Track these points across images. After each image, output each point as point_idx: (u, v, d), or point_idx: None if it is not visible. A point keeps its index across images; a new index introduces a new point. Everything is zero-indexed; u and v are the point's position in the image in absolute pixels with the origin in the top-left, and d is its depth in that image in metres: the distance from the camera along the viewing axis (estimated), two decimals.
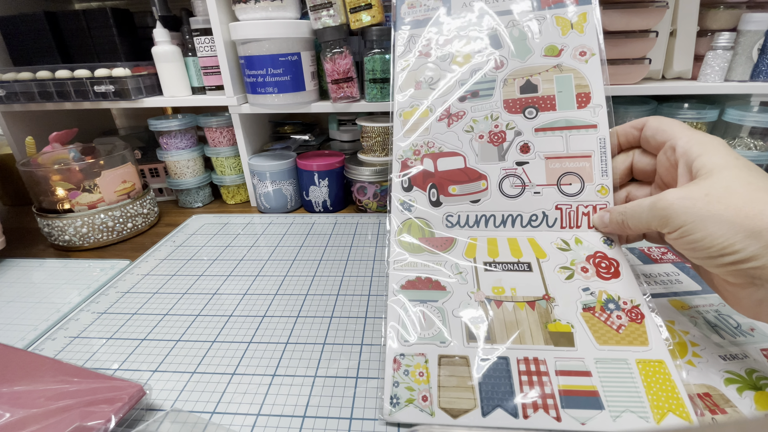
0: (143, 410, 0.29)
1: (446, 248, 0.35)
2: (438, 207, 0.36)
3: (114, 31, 0.62)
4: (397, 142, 0.38)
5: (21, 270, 0.49)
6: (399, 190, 0.37)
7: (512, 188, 0.35)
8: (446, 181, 0.36)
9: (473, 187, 0.36)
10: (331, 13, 0.52)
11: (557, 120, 0.35)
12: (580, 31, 0.36)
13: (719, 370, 0.29)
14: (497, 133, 0.36)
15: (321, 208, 0.63)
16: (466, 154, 0.36)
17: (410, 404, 0.27)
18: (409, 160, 0.37)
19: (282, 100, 0.56)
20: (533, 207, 0.35)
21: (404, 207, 0.37)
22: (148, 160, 0.70)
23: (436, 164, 0.37)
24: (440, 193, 0.36)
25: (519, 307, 0.31)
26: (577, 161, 0.34)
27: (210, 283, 0.45)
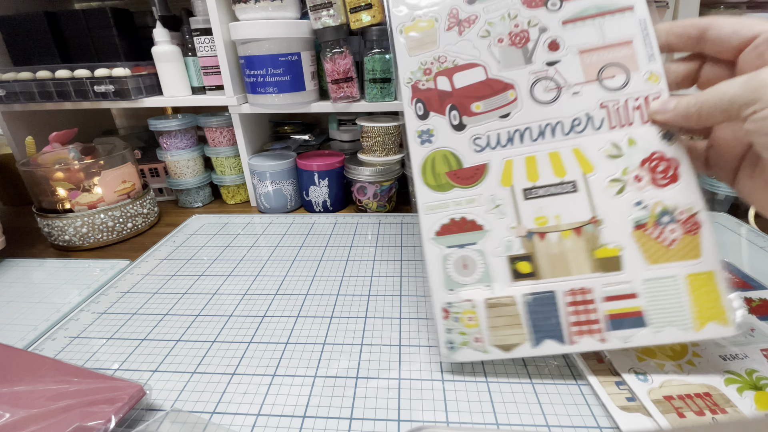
0: (143, 410, 0.29)
1: (479, 178, 0.31)
2: (462, 130, 0.31)
3: (114, 31, 0.62)
4: (402, 64, 0.32)
5: (21, 270, 0.49)
6: (414, 119, 0.32)
7: (546, 93, 0.30)
8: (467, 98, 0.31)
9: (500, 99, 0.31)
10: (331, 13, 0.52)
11: (586, 8, 0.30)
12: None
13: (719, 370, 0.29)
14: (518, 34, 0.31)
15: (321, 208, 0.63)
16: (486, 63, 0.31)
17: (464, 346, 0.30)
18: (420, 82, 0.32)
19: (282, 100, 0.56)
20: (574, 110, 0.30)
21: (423, 139, 0.32)
22: (148, 160, 0.70)
23: (453, 81, 0.31)
24: (462, 114, 0.31)
25: (564, 236, 0.29)
26: (617, 50, 0.29)
27: (210, 283, 0.45)
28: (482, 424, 0.27)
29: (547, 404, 0.28)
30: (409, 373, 0.31)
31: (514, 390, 0.29)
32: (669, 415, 0.25)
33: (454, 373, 0.31)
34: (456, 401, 0.28)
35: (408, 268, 0.46)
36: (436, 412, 0.28)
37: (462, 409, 0.28)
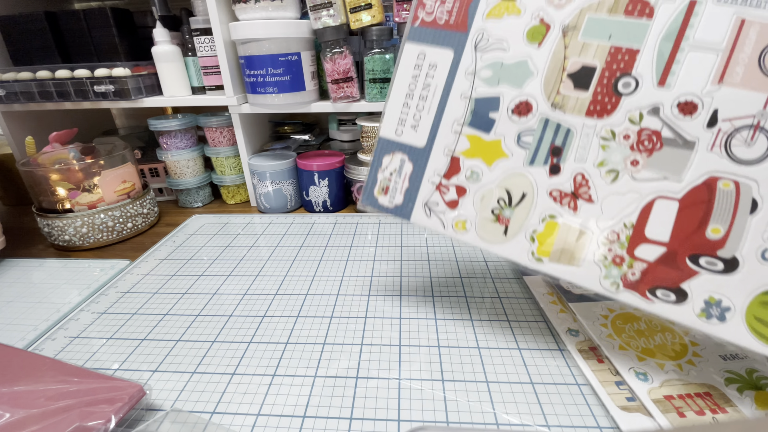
0: (143, 410, 0.29)
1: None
2: (737, 267, 0.23)
3: (114, 31, 0.62)
4: (584, 280, 0.26)
5: (21, 270, 0.49)
6: (678, 311, 0.25)
7: (748, 147, 0.23)
8: (693, 240, 0.24)
9: (724, 203, 0.23)
10: (331, 12, 0.52)
11: None
12: None
13: (719, 370, 0.29)
14: (642, 141, 0.25)
15: (321, 208, 0.63)
16: (653, 190, 0.25)
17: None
18: (626, 274, 0.25)
19: (282, 100, 0.56)
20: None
21: (715, 315, 0.24)
22: (148, 160, 0.70)
23: (651, 238, 0.25)
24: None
25: None
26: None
27: (210, 283, 0.45)
28: (482, 424, 0.27)
29: (547, 404, 0.28)
30: (409, 373, 0.31)
31: (514, 390, 0.29)
32: (669, 414, 0.25)
33: (454, 372, 0.31)
34: (456, 401, 0.28)
35: (408, 268, 0.46)
36: (436, 412, 0.28)
37: (462, 409, 0.28)
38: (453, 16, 0.28)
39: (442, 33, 0.28)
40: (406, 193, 0.31)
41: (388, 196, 0.31)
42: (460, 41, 0.28)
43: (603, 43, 0.25)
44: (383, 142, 0.31)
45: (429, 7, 0.28)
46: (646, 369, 0.29)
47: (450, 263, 0.46)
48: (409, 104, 0.30)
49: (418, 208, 0.31)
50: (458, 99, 0.28)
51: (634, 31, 0.24)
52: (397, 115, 0.30)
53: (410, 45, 0.29)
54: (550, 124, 0.26)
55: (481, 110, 0.28)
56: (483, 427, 0.27)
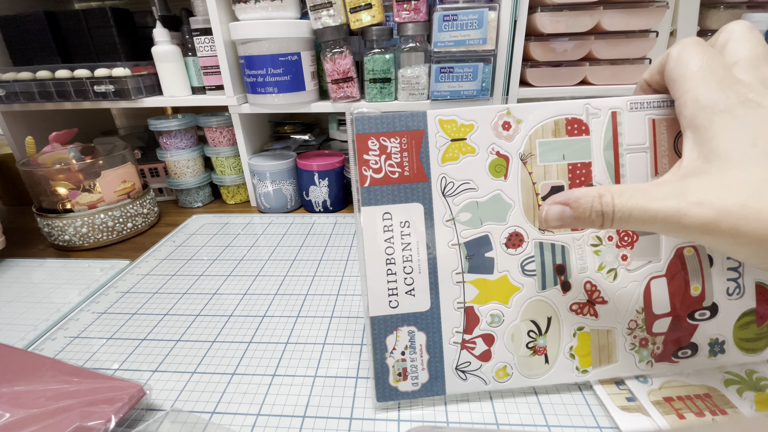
0: (143, 410, 0.29)
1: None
2: (717, 312, 0.28)
3: (114, 31, 0.62)
4: (623, 371, 0.29)
5: (21, 270, 0.49)
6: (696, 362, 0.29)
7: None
8: (689, 300, 0.28)
9: (693, 267, 0.28)
10: (331, 12, 0.52)
11: None
12: None
13: (719, 371, 0.29)
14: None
15: (321, 208, 0.63)
16: (642, 271, 0.28)
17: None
18: (654, 348, 0.29)
19: (282, 100, 0.56)
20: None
21: (715, 351, 0.29)
22: (148, 160, 0.70)
23: (656, 313, 0.28)
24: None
25: None
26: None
27: (210, 283, 0.45)
28: (482, 424, 0.27)
29: (547, 404, 0.28)
30: None
31: (514, 390, 0.29)
32: (669, 416, 0.25)
33: None
34: (456, 401, 0.28)
35: None
36: (436, 412, 0.28)
37: (462, 409, 0.28)
38: (406, 169, 0.26)
39: (401, 188, 0.27)
40: (430, 366, 0.28)
41: (410, 380, 0.28)
42: (425, 192, 0.27)
43: (560, 162, 0.27)
44: (378, 322, 0.27)
45: (373, 163, 0.26)
46: None
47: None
48: (394, 270, 0.27)
49: (450, 376, 0.28)
50: (447, 249, 0.27)
51: (580, 148, 0.27)
52: (383, 287, 0.27)
53: (368, 209, 0.27)
54: (546, 246, 0.28)
55: (476, 253, 0.28)
56: (483, 427, 0.27)
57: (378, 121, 0.26)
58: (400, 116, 0.26)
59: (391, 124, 0.26)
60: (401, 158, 0.26)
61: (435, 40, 0.51)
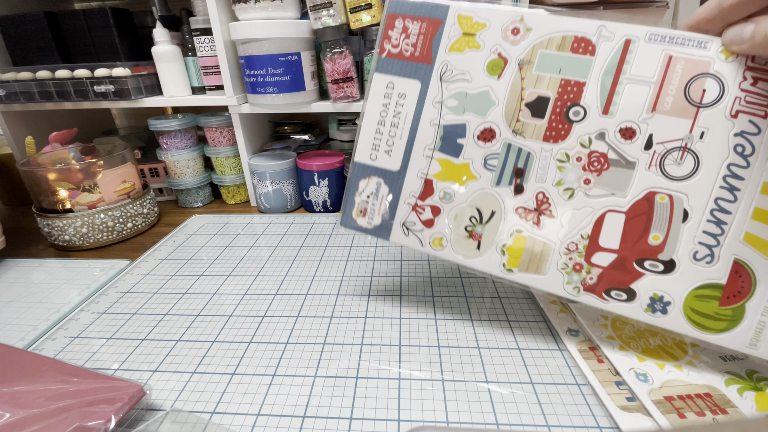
0: (143, 410, 0.29)
1: (747, 277, 0.26)
2: (674, 268, 0.27)
3: (114, 31, 0.62)
4: (548, 286, 0.29)
5: (21, 270, 0.49)
6: (629, 309, 0.28)
7: (678, 166, 0.27)
8: (638, 245, 0.28)
9: (662, 214, 0.27)
10: (331, 12, 0.52)
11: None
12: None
13: (720, 371, 0.29)
14: (591, 163, 0.28)
15: (321, 208, 0.63)
16: (605, 204, 0.28)
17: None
18: (585, 279, 0.29)
19: (282, 100, 0.56)
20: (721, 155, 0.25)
21: (659, 309, 0.28)
22: (148, 160, 0.70)
23: (604, 246, 0.28)
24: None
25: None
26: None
27: (210, 283, 0.45)
28: (482, 424, 0.27)
29: (547, 404, 0.28)
30: (409, 373, 0.31)
31: (514, 390, 0.29)
32: (670, 415, 0.25)
33: (454, 372, 0.31)
34: (456, 401, 0.28)
35: (408, 268, 0.46)
36: (436, 412, 0.28)
37: (462, 409, 0.28)
38: (418, 50, 0.30)
39: (409, 65, 0.30)
40: (384, 215, 0.33)
41: (366, 218, 0.33)
42: (426, 72, 0.30)
43: (554, 76, 0.28)
44: (358, 167, 0.33)
45: (394, 39, 0.30)
46: (646, 370, 0.29)
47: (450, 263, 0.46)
48: (382, 131, 0.32)
49: (396, 228, 0.33)
50: (428, 126, 0.31)
51: (580, 66, 0.27)
52: (370, 141, 0.32)
53: (379, 75, 0.31)
54: (513, 148, 0.29)
55: (450, 136, 0.30)
56: (483, 427, 0.27)
57: (408, 5, 0.30)
58: (425, 5, 0.29)
59: (417, 10, 0.30)
60: (417, 40, 0.30)
61: None
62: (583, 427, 0.26)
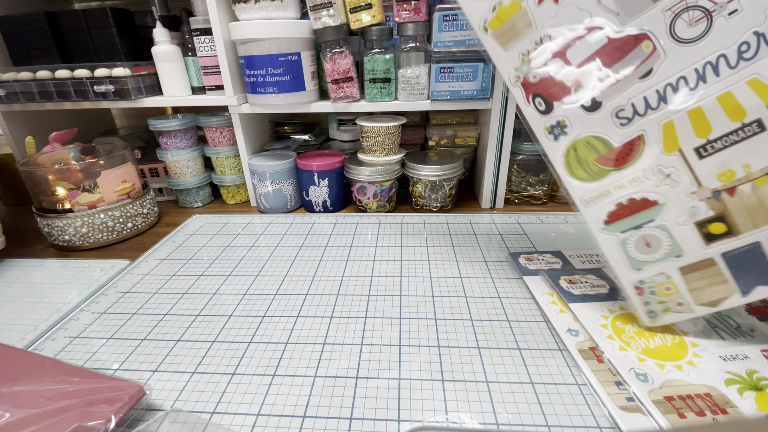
0: (143, 410, 0.29)
1: (635, 154, 0.27)
2: (598, 109, 0.27)
3: (114, 31, 0.62)
4: (501, 62, 0.28)
5: (21, 270, 0.49)
6: (536, 117, 0.28)
7: (692, 27, 0.25)
8: (593, 72, 0.27)
9: (633, 58, 0.26)
10: (331, 13, 0.52)
11: None
12: None
13: (720, 371, 0.29)
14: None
15: (321, 208, 0.63)
16: (602, 23, 0.26)
17: (667, 312, 0.30)
18: (529, 75, 0.28)
19: (282, 100, 0.56)
20: (737, 33, 0.24)
21: (556, 134, 0.28)
22: (148, 160, 0.70)
23: (568, 59, 0.27)
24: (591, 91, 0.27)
25: (759, 183, 0.25)
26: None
27: (210, 283, 0.44)
28: (482, 424, 0.27)
29: (547, 404, 0.28)
30: (409, 373, 0.31)
31: (514, 390, 0.29)
32: (670, 415, 0.25)
33: (454, 372, 0.31)
34: (456, 401, 0.28)
35: (408, 268, 0.46)
36: (436, 412, 0.28)
37: (462, 409, 0.28)
38: None
39: None
40: None
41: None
42: None
43: None
44: None
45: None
46: (646, 370, 0.29)
47: (450, 263, 0.46)
48: None
49: None
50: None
51: None
52: None
53: None
54: None
55: None
56: (483, 427, 0.27)
57: None
58: None
59: None
60: None
61: (435, 40, 0.51)
62: (583, 427, 0.26)
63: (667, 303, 0.30)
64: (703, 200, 0.27)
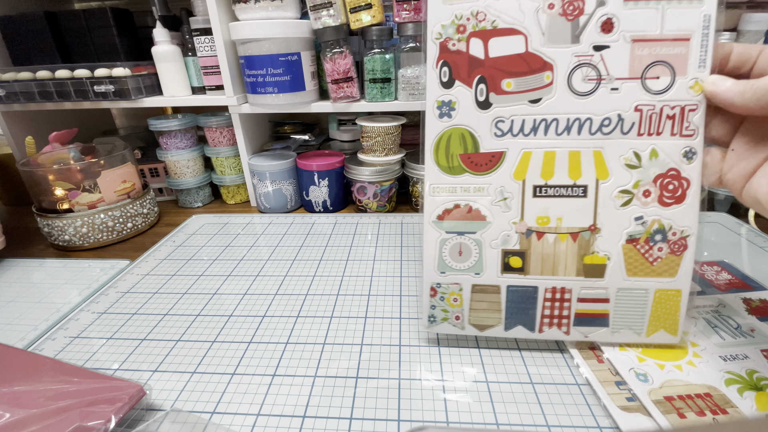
0: (143, 410, 0.29)
1: (492, 166, 0.29)
2: (486, 109, 0.28)
3: (114, 31, 0.62)
4: (433, 12, 0.28)
5: (21, 270, 0.49)
6: (436, 86, 0.28)
7: (584, 83, 0.27)
8: (499, 72, 0.28)
9: (534, 80, 0.27)
10: (331, 12, 0.52)
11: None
12: None
13: (720, 371, 0.29)
14: (573, 2, 0.27)
15: (321, 208, 0.63)
16: (529, 32, 0.27)
17: (444, 322, 0.32)
18: (451, 40, 0.28)
19: (282, 100, 0.56)
20: (607, 108, 0.27)
21: (443, 112, 0.29)
22: (148, 160, 0.70)
23: (488, 47, 0.28)
24: (490, 90, 0.28)
25: (560, 239, 0.29)
26: (671, 46, 0.26)
27: (210, 283, 0.44)
28: (482, 424, 0.27)
29: (547, 404, 0.28)
30: (409, 373, 0.31)
31: (514, 390, 0.29)
32: (670, 415, 0.25)
33: (454, 372, 0.31)
34: (456, 401, 0.28)
35: (408, 268, 0.46)
36: (436, 412, 0.28)
37: (462, 409, 0.28)
38: None
39: None
40: None
41: None
42: None
43: None
44: None
45: None
46: (646, 370, 0.29)
47: None
48: None
49: None
50: None
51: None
52: None
53: None
54: None
55: None
56: (483, 427, 0.27)
57: None
58: None
59: None
60: None
61: None
62: (583, 427, 0.26)
63: (448, 313, 0.32)
64: (518, 233, 0.30)
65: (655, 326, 0.30)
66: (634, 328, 0.30)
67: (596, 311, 0.30)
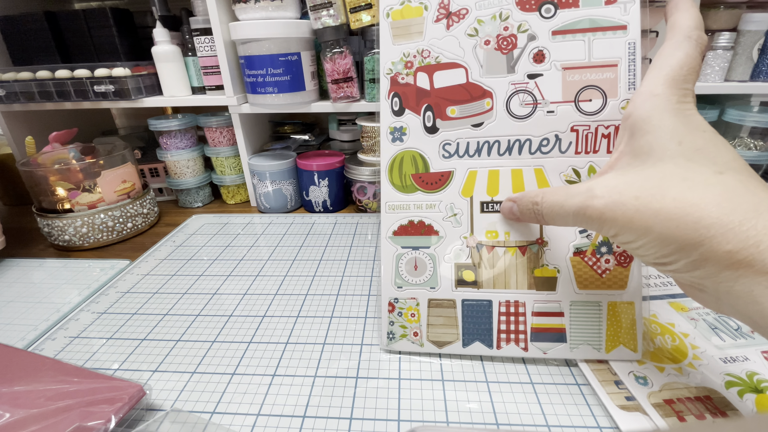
0: (143, 410, 0.29)
1: (442, 185, 0.31)
2: (434, 134, 0.31)
3: (114, 31, 0.62)
4: (385, 52, 0.31)
5: (21, 270, 0.49)
6: (388, 114, 0.31)
7: (522, 107, 0.30)
8: (444, 100, 0.31)
9: (476, 107, 0.30)
10: (331, 12, 0.52)
11: (579, 20, 0.28)
12: None
13: (720, 373, 0.29)
14: (507, 38, 0.29)
15: (321, 208, 0.63)
16: (469, 65, 0.30)
17: (403, 338, 0.33)
18: (400, 75, 0.31)
19: (282, 100, 0.56)
20: (545, 129, 0.29)
21: (395, 137, 0.31)
22: (148, 160, 0.70)
23: (432, 79, 0.31)
24: (437, 116, 0.31)
25: (510, 252, 0.31)
26: (600, 72, 0.28)
27: (210, 283, 0.44)
28: (482, 424, 0.27)
29: (547, 404, 0.28)
30: (409, 373, 0.31)
31: (514, 390, 0.29)
32: (669, 418, 0.25)
33: (454, 372, 0.31)
34: (456, 401, 0.28)
35: None
36: (436, 412, 0.28)
37: (462, 409, 0.28)
38: None
39: None
40: None
41: None
42: None
43: None
44: None
45: None
46: (645, 373, 0.29)
47: None
48: None
49: None
50: None
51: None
52: None
53: None
54: None
55: None
56: (483, 427, 0.27)
57: None
58: None
59: None
60: None
61: None
62: (583, 427, 0.26)
63: (407, 329, 0.32)
64: (469, 247, 0.31)
65: (613, 342, 0.30)
66: (592, 343, 0.30)
67: (552, 325, 0.31)
